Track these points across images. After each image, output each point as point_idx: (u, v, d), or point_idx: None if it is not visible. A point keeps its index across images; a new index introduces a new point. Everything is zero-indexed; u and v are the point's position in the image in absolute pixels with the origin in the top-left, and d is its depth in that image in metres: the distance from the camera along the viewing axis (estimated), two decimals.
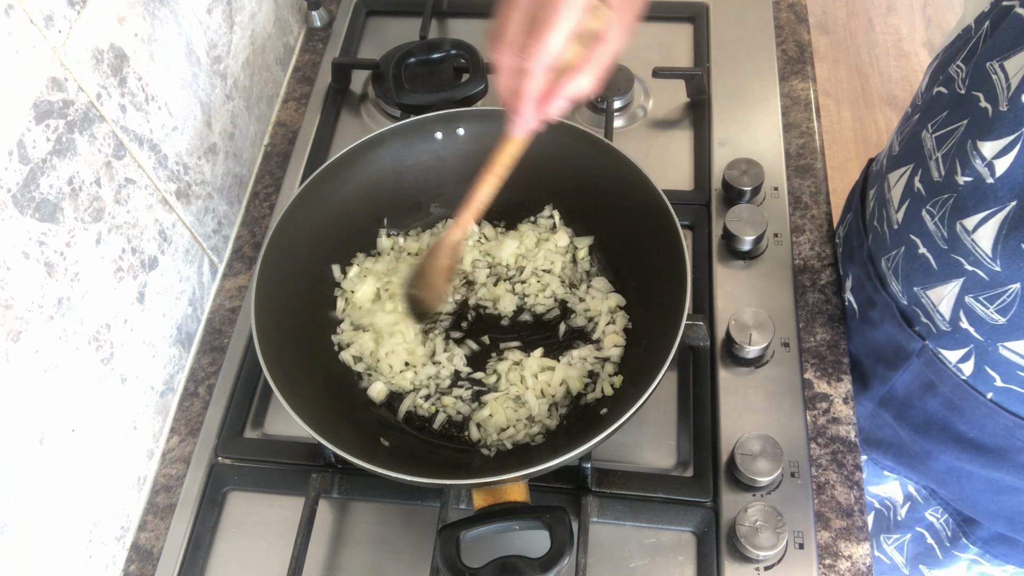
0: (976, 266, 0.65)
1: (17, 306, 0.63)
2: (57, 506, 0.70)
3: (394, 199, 0.91)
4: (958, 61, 0.67)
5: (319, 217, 0.84)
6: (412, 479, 0.66)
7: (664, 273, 0.77)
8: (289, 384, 0.72)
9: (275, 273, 0.78)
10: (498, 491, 0.69)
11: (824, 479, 0.79)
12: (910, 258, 0.73)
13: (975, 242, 0.64)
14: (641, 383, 0.70)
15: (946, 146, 0.66)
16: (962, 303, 0.69)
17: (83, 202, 0.70)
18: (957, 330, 0.71)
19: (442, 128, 0.88)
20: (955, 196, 0.65)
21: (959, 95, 0.65)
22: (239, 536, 0.80)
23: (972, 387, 0.74)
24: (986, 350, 0.69)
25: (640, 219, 0.81)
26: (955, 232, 0.66)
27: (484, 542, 0.68)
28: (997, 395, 0.72)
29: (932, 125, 0.69)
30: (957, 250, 0.67)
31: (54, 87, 0.65)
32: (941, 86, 0.69)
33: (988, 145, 0.61)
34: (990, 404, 0.73)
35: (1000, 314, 0.66)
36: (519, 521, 0.67)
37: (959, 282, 0.68)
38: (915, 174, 0.71)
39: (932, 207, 0.69)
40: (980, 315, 0.68)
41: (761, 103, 1.03)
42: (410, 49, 0.99)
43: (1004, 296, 0.65)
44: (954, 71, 0.67)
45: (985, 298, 0.66)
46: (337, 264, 0.88)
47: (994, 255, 0.63)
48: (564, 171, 0.87)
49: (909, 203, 0.72)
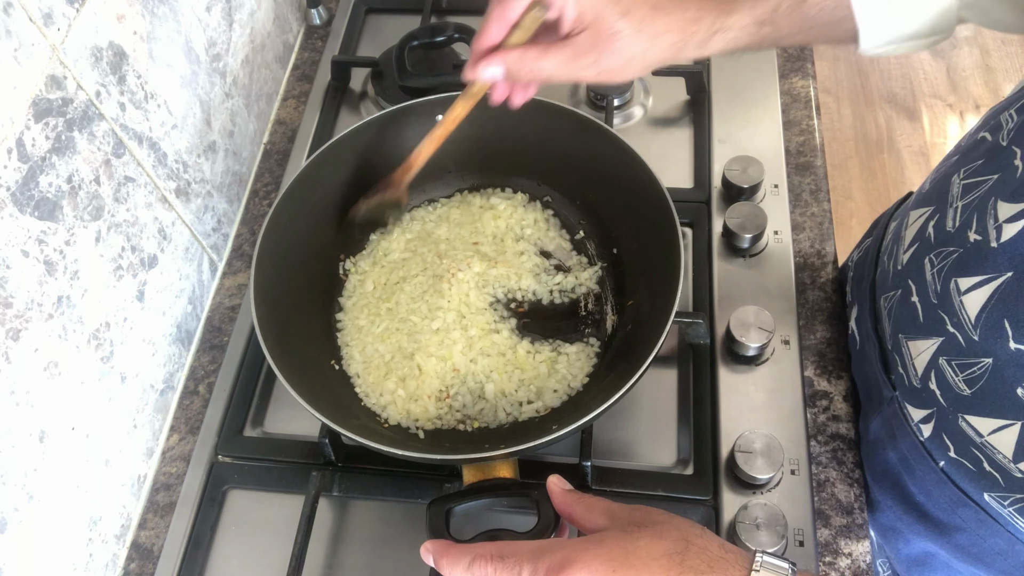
0: (957, 329, 0.62)
1: (17, 304, 0.63)
2: (57, 504, 0.70)
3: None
4: (1012, 109, 0.62)
5: (320, 196, 0.85)
6: (404, 453, 0.67)
7: (659, 251, 0.77)
8: (288, 362, 0.72)
9: (275, 253, 0.79)
10: (488, 468, 0.70)
11: (824, 476, 0.79)
12: (903, 303, 0.70)
13: (963, 304, 0.61)
14: (633, 367, 0.70)
15: (970, 196, 0.63)
16: (935, 363, 0.66)
17: (82, 200, 0.70)
18: (925, 389, 0.68)
19: (443, 111, 0.88)
20: (960, 252, 0.62)
21: (1000, 147, 0.61)
22: (239, 534, 0.80)
23: (927, 451, 0.71)
24: (947, 417, 0.66)
25: (630, 191, 0.82)
26: (948, 289, 0.63)
27: (473, 521, 0.69)
28: (948, 465, 0.70)
29: (965, 171, 0.64)
30: (945, 308, 0.64)
31: (53, 85, 0.65)
32: (987, 132, 0.65)
33: (1006, 207, 0.57)
34: (940, 473, 0.71)
35: (967, 385, 0.63)
36: (507, 496, 0.68)
37: (938, 341, 0.65)
38: (932, 218, 0.68)
39: (935, 256, 0.65)
40: (948, 381, 0.65)
41: (761, 101, 1.03)
42: (413, 32, 0.99)
43: (975, 368, 0.61)
44: (1004, 119, 0.62)
45: (957, 364, 0.63)
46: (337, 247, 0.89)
47: (976, 323, 0.60)
48: (560, 155, 0.88)
49: (917, 247, 0.69)
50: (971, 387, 0.62)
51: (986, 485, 0.66)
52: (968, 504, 0.70)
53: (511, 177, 0.92)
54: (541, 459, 0.79)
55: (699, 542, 0.52)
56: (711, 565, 0.51)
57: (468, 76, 0.69)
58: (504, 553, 0.53)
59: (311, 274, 0.86)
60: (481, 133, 0.89)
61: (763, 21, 0.62)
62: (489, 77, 0.68)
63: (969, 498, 0.69)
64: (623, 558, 0.51)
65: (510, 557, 0.52)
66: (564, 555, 0.51)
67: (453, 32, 0.99)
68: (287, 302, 0.79)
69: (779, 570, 0.50)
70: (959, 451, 0.67)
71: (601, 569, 0.50)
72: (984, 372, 0.61)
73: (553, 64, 0.65)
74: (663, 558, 0.51)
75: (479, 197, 0.94)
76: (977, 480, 0.67)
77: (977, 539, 0.71)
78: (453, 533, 0.65)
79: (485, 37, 0.67)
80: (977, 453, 0.65)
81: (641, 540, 0.52)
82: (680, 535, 0.52)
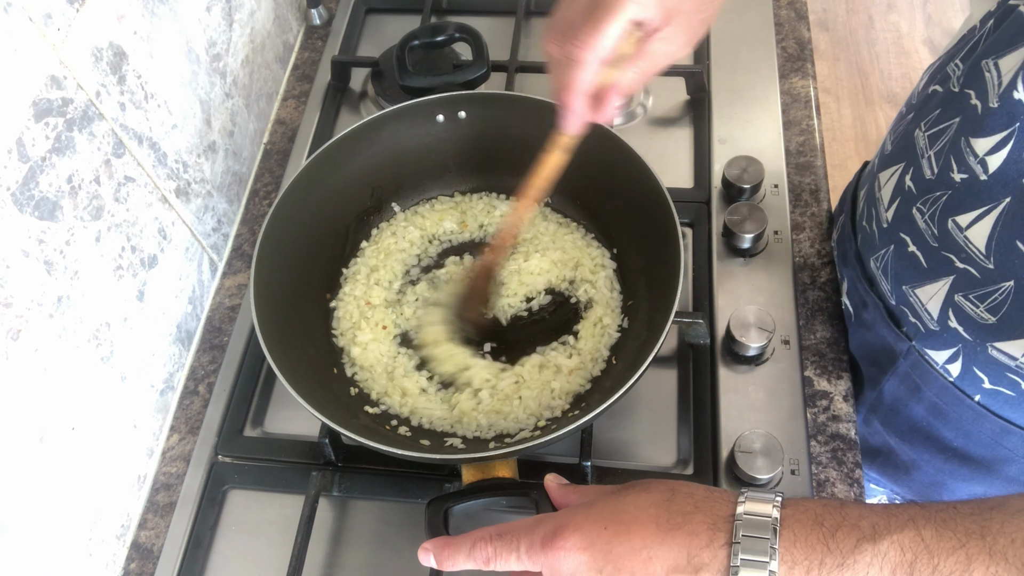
0: (968, 263, 0.64)
1: (17, 304, 0.63)
2: (57, 504, 0.70)
3: (395, 181, 0.92)
4: (956, 59, 0.66)
5: (320, 196, 0.85)
6: (404, 453, 0.67)
7: (659, 251, 0.77)
8: (288, 362, 0.73)
9: (275, 253, 0.79)
10: (487, 468, 0.70)
11: (824, 476, 0.79)
12: (899, 256, 0.72)
13: (968, 239, 0.63)
14: (633, 367, 0.70)
15: (939, 144, 0.65)
16: (951, 301, 0.67)
17: (82, 200, 0.70)
18: (945, 330, 0.69)
19: (444, 111, 0.89)
20: (949, 193, 0.64)
21: (952, 93, 0.65)
22: (239, 534, 0.80)
23: (959, 389, 0.72)
24: (975, 350, 0.68)
25: (630, 191, 0.82)
26: (946, 229, 0.65)
27: (473, 521, 0.69)
28: (985, 398, 0.70)
29: (925, 123, 0.68)
30: (948, 247, 0.66)
31: (53, 85, 0.65)
32: (937, 84, 0.69)
33: (981, 142, 0.60)
34: (977, 407, 0.71)
35: (991, 313, 0.64)
36: (507, 496, 0.69)
37: (949, 280, 0.67)
38: (906, 172, 0.70)
39: (923, 205, 0.67)
40: (970, 314, 0.66)
41: (761, 101, 1.03)
42: (414, 32, 0.99)
43: (996, 294, 0.63)
44: (951, 69, 0.66)
45: (976, 296, 0.65)
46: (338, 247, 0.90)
47: (988, 252, 0.62)
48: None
49: (899, 201, 0.71)
50: (995, 314, 0.64)
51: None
52: (1013, 431, 0.70)
53: (511, 177, 0.92)
54: (541, 459, 0.79)
55: (684, 489, 0.54)
56: (697, 506, 0.52)
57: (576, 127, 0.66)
58: (502, 531, 0.55)
59: (311, 274, 0.86)
60: (482, 133, 0.89)
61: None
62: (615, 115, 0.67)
63: (1014, 424, 0.70)
64: (612, 514, 0.53)
65: (507, 534, 0.55)
66: (556, 523, 0.53)
67: (453, 32, 0.99)
68: (287, 302, 0.79)
69: (764, 499, 0.51)
70: (994, 380, 0.68)
71: (592, 528, 0.52)
72: (1007, 296, 0.62)
73: (655, 64, 0.64)
74: (650, 507, 0.52)
75: (482, 199, 0.94)
76: (1018, 404, 0.68)
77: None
78: (452, 533, 0.65)
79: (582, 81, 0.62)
80: (1014, 377, 0.66)
81: (629, 496, 0.54)
82: (666, 486, 0.54)
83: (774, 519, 0.50)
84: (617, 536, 0.51)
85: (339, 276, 0.89)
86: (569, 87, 0.62)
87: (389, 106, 0.89)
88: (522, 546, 0.53)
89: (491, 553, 0.54)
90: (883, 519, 0.49)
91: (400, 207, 0.93)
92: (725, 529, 0.50)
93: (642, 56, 0.63)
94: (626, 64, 0.62)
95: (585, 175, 0.87)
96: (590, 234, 0.90)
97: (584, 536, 0.52)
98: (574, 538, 0.52)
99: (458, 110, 0.89)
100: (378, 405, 0.80)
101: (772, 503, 0.51)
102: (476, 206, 0.93)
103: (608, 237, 0.89)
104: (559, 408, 0.78)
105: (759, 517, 0.50)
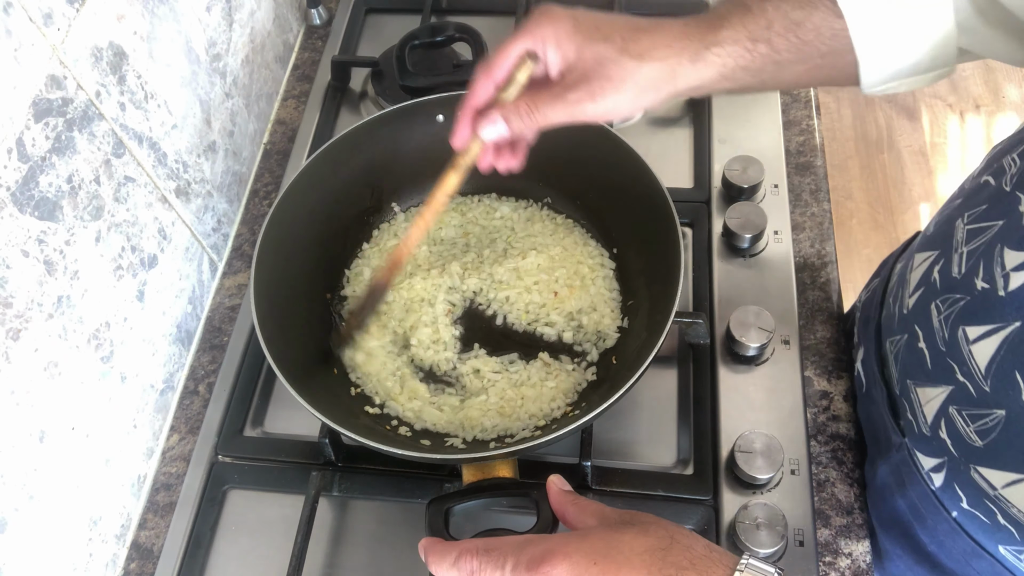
0: (967, 378, 0.60)
1: (17, 304, 0.63)
2: (57, 504, 0.70)
3: (395, 181, 0.92)
4: (1014, 154, 0.60)
5: (320, 196, 0.85)
6: (405, 453, 0.67)
7: (659, 251, 0.77)
8: (288, 362, 0.72)
9: (275, 253, 0.79)
10: (488, 468, 0.70)
11: (824, 476, 0.79)
12: (910, 349, 0.69)
13: (972, 354, 0.59)
14: (633, 367, 0.70)
15: (975, 242, 0.60)
16: (945, 412, 0.64)
17: (82, 200, 0.70)
18: (935, 438, 0.66)
19: (444, 111, 0.89)
20: (967, 300, 0.60)
21: (1003, 191, 0.59)
22: (239, 534, 0.80)
23: (939, 500, 0.69)
24: (959, 467, 0.64)
25: (631, 191, 0.82)
26: (956, 337, 0.61)
27: (473, 521, 0.69)
28: (961, 516, 0.68)
29: (969, 215, 0.63)
30: (953, 356, 0.61)
31: (53, 85, 0.65)
32: (990, 175, 0.63)
33: (1012, 255, 0.55)
34: (953, 523, 0.69)
35: (979, 436, 0.61)
36: (507, 496, 0.68)
37: (948, 390, 0.63)
38: (937, 262, 0.66)
39: (941, 303, 0.63)
40: (959, 431, 0.63)
41: (761, 100, 1.03)
42: (414, 32, 0.99)
43: (987, 419, 0.59)
44: (1007, 163, 0.60)
45: (968, 415, 0.61)
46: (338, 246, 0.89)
47: (987, 373, 0.58)
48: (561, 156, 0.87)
49: (923, 291, 0.67)
50: (983, 439, 0.60)
51: (1001, 538, 0.65)
52: (983, 556, 0.68)
53: (511, 178, 0.92)
54: (541, 459, 0.79)
55: (684, 540, 0.52)
56: (693, 563, 0.51)
57: (461, 141, 0.67)
58: (489, 547, 0.54)
59: (311, 274, 0.86)
60: None
61: (756, 38, 0.60)
62: (492, 135, 0.65)
63: (984, 550, 0.67)
64: (605, 552, 0.51)
65: (495, 551, 0.53)
66: (546, 547, 0.52)
67: (453, 32, 0.99)
68: (287, 302, 0.79)
69: (764, 573, 0.50)
70: (972, 502, 0.65)
71: (582, 562, 0.51)
72: (997, 424, 0.59)
73: (551, 107, 0.63)
74: (645, 554, 0.51)
75: (483, 200, 0.94)
76: (992, 533, 0.65)
77: None
78: (453, 533, 0.65)
79: (473, 98, 0.66)
80: (991, 505, 0.63)
81: (626, 536, 0.52)
82: (666, 533, 0.53)
83: None
84: (604, 574, 0.50)
85: (339, 276, 0.89)
86: (462, 103, 0.66)
87: (389, 106, 0.89)
88: (508, 564, 0.52)
89: (475, 567, 0.53)
90: None
91: (400, 207, 0.93)
92: None
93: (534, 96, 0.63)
94: (519, 100, 0.64)
95: (585, 175, 0.88)
96: (590, 234, 0.90)
97: (572, 567, 0.51)
98: (562, 566, 0.51)
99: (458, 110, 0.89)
100: (379, 406, 0.80)
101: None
102: (476, 207, 0.93)
103: (608, 237, 0.89)
104: (560, 409, 0.78)
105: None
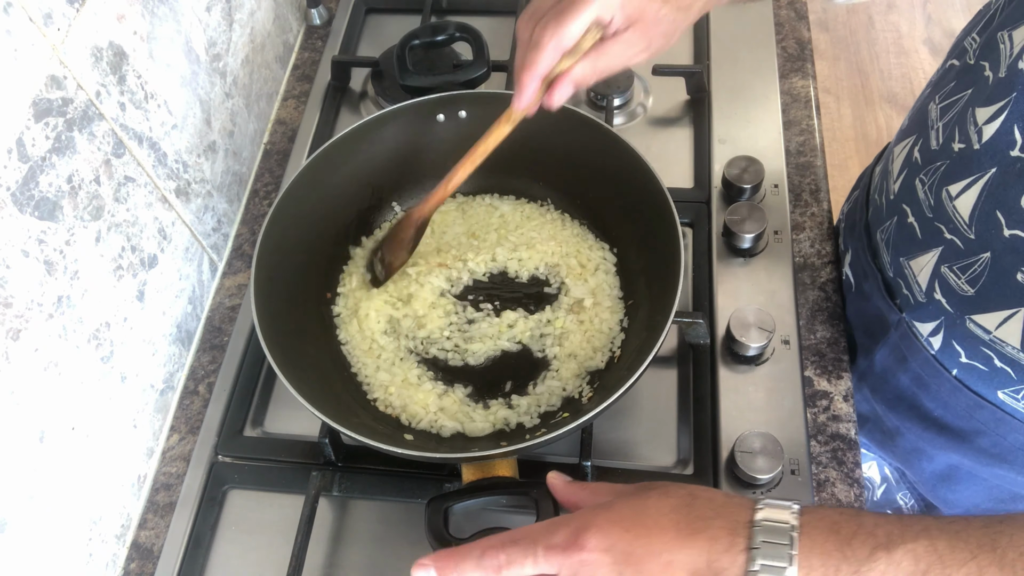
0: (954, 234, 0.66)
1: (17, 304, 0.63)
2: (57, 504, 0.70)
3: (395, 181, 0.92)
4: (973, 33, 0.67)
5: (320, 196, 0.85)
6: (405, 452, 0.67)
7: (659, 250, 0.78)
8: (288, 362, 0.73)
9: (275, 253, 0.79)
10: (488, 467, 0.70)
11: (824, 476, 0.79)
12: (900, 228, 0.74)
13: (955, 209, 0.65)
14: (633, 367, 0.70)
15: (949, 115, 0.67)
16: (938, 273, 0.69)
17: (82, 200, 0.70)
18: (931, 301, 0.72)
19: (444, 110, 0.89)
20: (947, 163, 0.66)
21: (968, 65, 0.66)
22: (239, 534, 0.80)
23: (939, 362, 0.75)
24: (955, 323, 0.70)
25: (631, 191, 0.82)
26: (940, 199, 0.67)
27: (472, 520, 0.69)
28: (961, 372, 0.73)
29: (939, 96, 0.69)
30: (940, 218, 0.67)
31: (53, 85, 0.65)
32: (954, 59, 0.70)
33: (982, 111, 0.61)
34: (954, 381, 0.74)
35: (970, 284, 0.66)
36: (506, 494, 0.68)
37: (937, 251, 0.69)
38: (916, 144, 0.72)
39: (925, 175, 0.69)
40: (952, 285, 0.68)
41: (761, 100, 1.03)
42: (414, 32, 0.99)
43: (975, 266, 0.65)
44: (968, 43, 0.67)
45: (958, 267, 0.67)
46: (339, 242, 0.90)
47: (971, 222, 0.64)
48: (561, 156, 0.88)
49: (906, 173, 0.73)
50: (973, 286, 0.66)
51: (999, 383, 0.70)
52: (984, 405, 0.73)
53: (511, 177, 0.92)
54: (540, 458, 0.79)
55: (704, 495, 0.54)
56: (718, 511, 0.52)
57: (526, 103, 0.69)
58: (515, 538, 0.53)
59: (311, 273, 0.86)
60: (482, 133, 0.89)
61: None
62: (561, 101, 0.70)
63: (985, 399, 0.72)
64: (634, 517, 0.52)
65: (522, 539, 0.53)
66: (577, 525, 0.52)
67: (454, 31, 0.99)
68: (287, 302, 0.79)
69: (783, 506, 0.51)
70: (970, 354, 0.70)
71: (614, 531, 0.52)
72: (984, 267, 0.64)
73: (611, 63, 0.68)
74: (672, 512, 0.52)
75: (483, 200, 0.94)
76: (990, 379, 0.70)
77: (997, 439, 0.75)
78: (452, 532, 0.65)
79: (542, 65, 0.66)
80: (987, 351, 0.68)
81: (650, 499, 0.54)
82: (685, 491, 0.54)
83: (792, 526, 0.50)
84: (638, 539, 0.51)
85: (339, 276, 0.89)
86: (528, 67, 0.67)
87: (389, 106, 0.89)
88: (539, 551, 0.52)
89: (503, 560, 0.52)
90: (898, 528, 0.49)
91: (400, 207, 0.93)
92: (744, 535, 0.50)
93: (599, 53, 0.67)
94: (583, 57, 0.67)
95: (586, 175, 0.88)
96: (590, 233, 0.90)
97: (606, 537, 0.51)
98: (596, 539, 0.51)
99: (458, 110, 0.89)
100: (384, 409, 0.80)
101: (790, 510, 0.51)
102: (477, 207, 0.93)
103: (608, 236, 0.89)
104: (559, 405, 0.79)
105: (778, 523, 0.50)
